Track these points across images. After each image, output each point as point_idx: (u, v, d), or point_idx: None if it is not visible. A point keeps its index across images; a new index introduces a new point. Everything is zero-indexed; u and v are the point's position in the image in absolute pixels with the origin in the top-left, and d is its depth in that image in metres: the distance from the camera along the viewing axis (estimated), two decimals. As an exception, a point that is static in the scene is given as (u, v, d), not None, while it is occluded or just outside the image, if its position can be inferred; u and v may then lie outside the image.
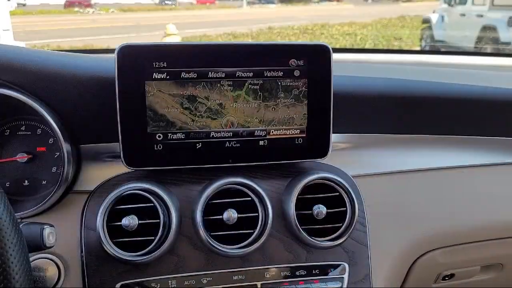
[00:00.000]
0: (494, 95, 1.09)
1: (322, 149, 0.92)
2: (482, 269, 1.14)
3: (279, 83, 0.87)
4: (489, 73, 1.37)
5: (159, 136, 0.85)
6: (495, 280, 1.17)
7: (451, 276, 1.12)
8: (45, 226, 0.67)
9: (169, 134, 0.85)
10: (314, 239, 0.88)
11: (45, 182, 0.90)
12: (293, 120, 0.89)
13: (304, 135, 0.90)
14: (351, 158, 1.02)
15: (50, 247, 0.68)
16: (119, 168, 0.89)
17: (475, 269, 1.13)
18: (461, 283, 1.15)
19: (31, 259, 0.82)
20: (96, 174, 0.91)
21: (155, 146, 0.85)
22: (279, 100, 0.88)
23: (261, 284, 0.87)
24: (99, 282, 0.83)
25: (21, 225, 0.65)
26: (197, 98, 0.85)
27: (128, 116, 0.83)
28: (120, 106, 0.82)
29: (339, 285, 0.89)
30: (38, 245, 0.66)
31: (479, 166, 1.08)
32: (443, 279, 1.12)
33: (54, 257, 0.85)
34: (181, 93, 0.84)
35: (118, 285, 0.82)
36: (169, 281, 0.84)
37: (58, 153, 0.91)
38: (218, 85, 0.85)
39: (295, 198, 0.88)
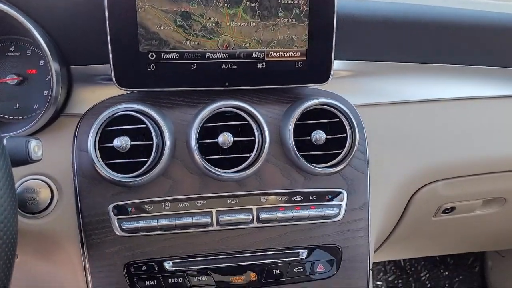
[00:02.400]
0: (500, 21, 1.02)
1: (323, 73, 0.87)
2: (484, 203, 1.12)
3: (279, 1, 0.82)
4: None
5: (152, 56, 0.81)
6: (496, 215, 1.16)
7: (452, 209, 1.11)
8: (30, 139, 0.65)
9: (162, 54, 0.81)
10: (312, 166, 0.86)
11: (36, 106, 0.87)
12: (293, 41, 0.84)
13: (304, 58, 0.86)
14: (352, 86, 0.98)
15: (37, 160, 0.66)
16: (112, 90, 0.86)
17: (477, 203, 1.11)
18: (461, 217, 1.14)
19: (22, 180, 0.82)
20: (88, 97, 0.87)
21: (147, 66, 0.81)
22: (278, 19, 0.83)
23: (257, 209, 0.85)
24: (92, 203, 0.82)
25: (5, 139, 0.62)
26: (191, 16, 0.80)
27: (119, 33, 0.79)
28: (110, 22, 0.78)
29: (336, 211, 0.88)
30: (23, 159, 0.64)
31: (484, 98, 1.04)
32: (443, 212, 1.11)
33: (47, 179, 0.84)
34: (175, 9, 0.79)
35: (111, 206, 0.81)
36: (163, 204, 0.83)
37: (49, 76, 0.87)
38: (214, 1, 0.80)
39: (294, 123, 0.85)
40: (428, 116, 1.00)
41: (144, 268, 0.81)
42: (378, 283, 2.14)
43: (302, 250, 0.87)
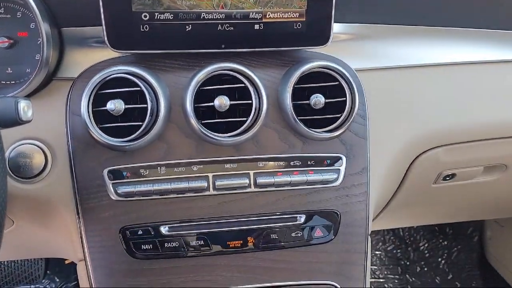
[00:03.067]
0: None
1: (322, 35, 0.85)
2: (485, 170, 1.11)
3: None
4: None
5: (145, 16, 0.78)
6: (497, 182, 1.15)
7: (452, 176, 1.10)
8: (19, 99, 0.63)
9: (156, 14, 0.78)
10: (311, 130, 0.84)
11: (28, 70, 0.85)
12: (292, 1, 0.81)
13: (303, 19, 0.83)
14: (353, 50, 0.95)
15: (27, 121, 0.64)
16: (106, 53, 0.84)
17: (478, 170, 1.10)
18: (461, 184, 1.13)
19: (15, 144, 0.81)
20: (81, 60, 0.85)
21: (141, 27, 0.78)
22: None
23: (254, 174, 0.84)
24: (86, 168, 0.80)
25: (-8, 99, 0.61)
26: (185, -27, 0.77)
27: (110, -8, 0.76)
28: None
29: (335, 176, 0.87)
30: (13, 120, 0.62)
31: (486, 63, 1.01)
32: (444, 179, 1.10)
33: (40, 144, 0.82)
34: (168, -34, 0.76)
35: (105, 171, 0.80)
36: (158, 168, 0.81)
37: (40, 39, 0.85)
38: (209, -42, 0.77)
39: (292, 87, 0.83)
40: (430, 81, 0.98)
41: (140, 232, 0.81)
42: (377, 252, 2.15)
43: (300, 215, 0.86)
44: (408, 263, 2.15)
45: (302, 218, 0.86)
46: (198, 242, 0.82)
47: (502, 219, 1.94)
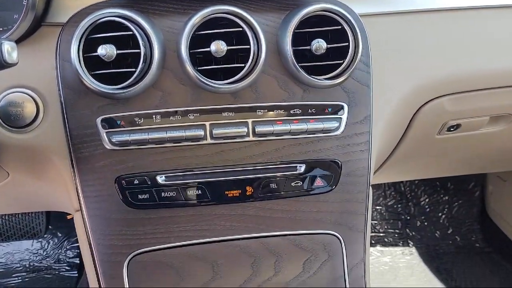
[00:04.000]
0: None
1: (324, -25, 0.80)
2: (491, 120, 1.07)
3: None
4: None
5: (136, -46, 0.73)
6: (502, 133, 1.12)
7: (457, 127, 1.07)
8: (3, 41, 0.59)
9: (147, -48, 0.73)
10: (312, 77, 0.81)
11: (16, 16, 0.80)
12: None
13: (304, -42, 0.78)
14: (357, -6, 0.90)
15: (12, 64, 0.61)
16: (96, -4, 0.79)
17: (483, 120, 1.07)
18: (466, 135, 1.10)
19: (5, 93, 0.78)
20: (71, 4, 0.81)
21: (132, -34, 0.74)
22: None
23: (253, 122, 0.81)
24: (79, 116, 0.78)
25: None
26: None
27: None
28: None
29: (337, 125, 0.84)
30: (-3, 61, 0.59)
31: (490, 7, 0.96)
32: (448, 130, 1.07)
33: (31, 92, 0.79)
34: None
35: (99, 119, 0.77)
36: (154, 116, 0.78)
37: (27, -18, 0.80)
38: None
39: (292, 31, 0.79)
40: (435, 27, 0.93)
41: (136, 182, 0.79)
42: (377, 207, 2.16)
43: (300, 165, 0.84)
44: (408, 217, 2.16)
45: (302, 168, 0.84)
46: (195, 192, 0.81)
47: (505, 174, 1.93)
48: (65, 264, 1.90)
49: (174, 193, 0.80)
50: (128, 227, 0.80)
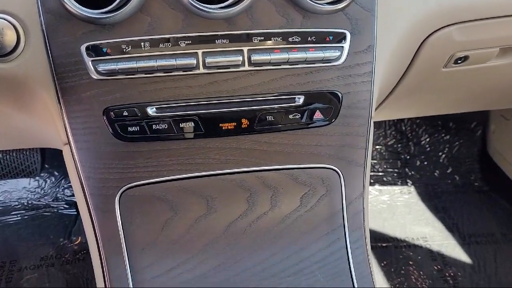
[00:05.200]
0: None
1: None
2: (500, 52, 1.02)
3: None
4: None
5: None
6: (511, 67, 1.07)
7: (465, 59, 1.01)
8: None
9: None
10: (312, 2, 0.74)
11: None
12: None
13: None
14: None
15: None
16: None
17: (493, 52, 1.01)
18: (474, 68, 1.05)
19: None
20: None
21: None
22: None
23: (248, 50, 0.76)
24: (62, 44, 0.72)
25: None
26: None
27: None
28: None
29: (338, 54, 0.78)
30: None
31: None
32: (455, 62, 1.01)
33: (10, 18, 0.73)
34: None
35: (83, 47, 0.72)
36: (142, 44, 0.73)
37: None
38: None
39: None
40: None
41: (125, 113, 0.75)
42: (377, 147, 2.14)
43: (298, 96, 0.79)
44: (408, 157, 2.14)
45: (300, 100, 0.79)
46: (188, 124, 0.77)
47: (508, 112, 1.89)
48: (63, 202, 1.91)
49: (165, 126, 0.76)
50: (119, 161, 0.76)
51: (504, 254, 1.77)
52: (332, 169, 0.83)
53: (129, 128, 0.75)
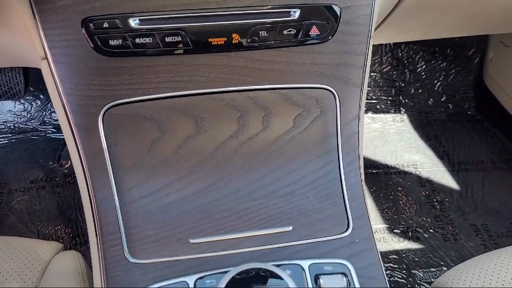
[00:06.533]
0: None
1: None
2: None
3: None
4: None
5: None
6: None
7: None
8: None
9: None
10: None
11: None
12: None
13: None
14: None
15: None
16: None
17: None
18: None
19: None
20: None
21: None
22: None
23: None
24: None
25: None
26: None
27: None
28: None
29: None
30: None
31: None
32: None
33: None
34: None
35: None
36: None
37: None
38: None
39: None
40: None
41: (105, 25, 0.68)
42: (372, 74, 2.09)
43: (294, 10, 0.73)
44: (403, 84, 2.10)
45: (296, 13, 0.73)
46: (174, 38, 0.71)
47: (508, 38, 1.83)
48: (51, 126, 1.87)
49: (150, 40, 0.70)
50: (101, 77, 0.71)
51: (491, 181, 1.80)
52: (327, 89, 0.78)
53: (110, 41, 0.69)
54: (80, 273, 0.83)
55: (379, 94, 2.11)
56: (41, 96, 1.88)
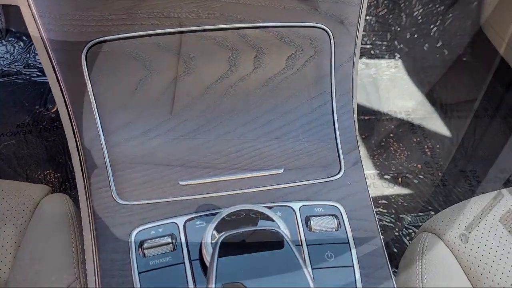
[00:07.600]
0: None
1: None
2: None
3: None
4: None
5: None
6: None
7: None
8: None
9: None
10: None
11: None
12: None
13: None
14: None
15: None
16: None
17: None
18: None
19: None
20: None
21: None
22: None
23: None
24: None
25: None
26: None
27: None
28: None
29: None
30: None
31: None
32: None
33: None
34: None
35: None
36: None
37: None
38: None
39: None
40: None
41: None
42: (367, 17, 2.03)
43: None
44: (398, 29, 2.05)
45: None
46: None
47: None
48: (35, 70, 1.81)
49: None
50: (83, 12, 0.67)
51: (483, 129, 1.80)
52: (322, 28, 0.75)
53: None
54: (69, 215, 0.82)
55: (374, 39, 2.06)
56: (24, 37, 1.81)
